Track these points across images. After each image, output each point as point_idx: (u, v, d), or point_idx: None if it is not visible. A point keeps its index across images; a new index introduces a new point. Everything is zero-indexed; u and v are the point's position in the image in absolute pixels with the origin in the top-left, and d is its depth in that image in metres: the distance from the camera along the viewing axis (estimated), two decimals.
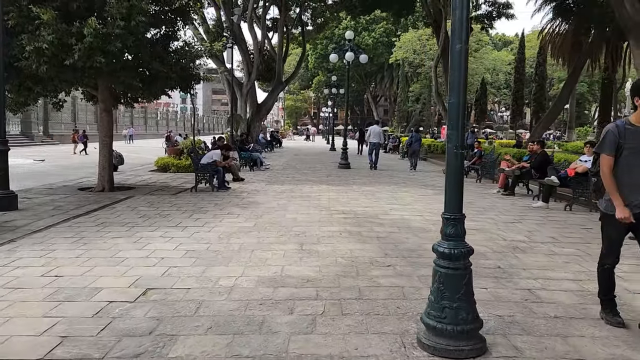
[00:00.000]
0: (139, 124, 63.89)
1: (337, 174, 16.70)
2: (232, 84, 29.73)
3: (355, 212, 9.01)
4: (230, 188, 11.96)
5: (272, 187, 12.51)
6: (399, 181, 14.62)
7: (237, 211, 8.96)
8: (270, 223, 7.89)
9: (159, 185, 12.82)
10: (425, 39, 49.72)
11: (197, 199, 10.43)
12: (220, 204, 9.78)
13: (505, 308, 4.21)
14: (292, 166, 19.89)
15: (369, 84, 75.79)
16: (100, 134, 12.04)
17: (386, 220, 8.23)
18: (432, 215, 8.79)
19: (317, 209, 9.33)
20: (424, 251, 6.13)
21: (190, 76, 12.42)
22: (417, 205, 9.86)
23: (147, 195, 10.83)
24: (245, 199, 10.50)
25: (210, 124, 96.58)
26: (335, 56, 18.78)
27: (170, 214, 8.53)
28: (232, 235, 6.97)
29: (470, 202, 10.40)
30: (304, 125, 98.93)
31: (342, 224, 7.83)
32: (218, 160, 11.66)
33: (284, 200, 10.38)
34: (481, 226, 7.93)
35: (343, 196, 11.06)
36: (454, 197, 3.34)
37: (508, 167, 12.33)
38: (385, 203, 10.12)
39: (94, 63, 9.55)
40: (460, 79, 3.23)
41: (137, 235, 6.83)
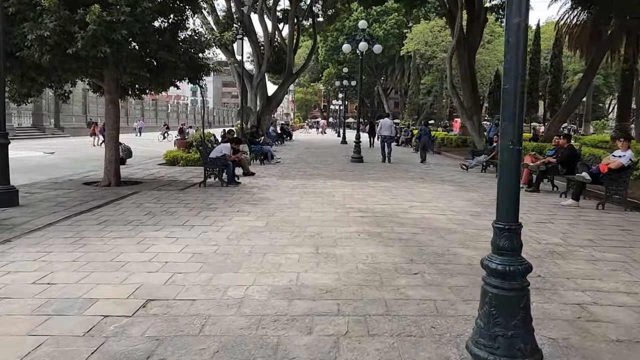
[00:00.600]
0: (150, 117, 63.70)
1: (351, 168, 16.15)
2: (242, 76, 29.19)
3: (372, 210, 8.46)
4: (241, 183, 11.46)
5: (283, 182, 12.00)
6: (415, 176, 14.04)
7: (247, 208, 8.46)
8: (283, 222, 7.38)
9: (166, 179, 12.36)
10: (437, 30, 48.82)
11: (206, 194, 9.94)
12: (230, 200, 9.29)
13: (558, 328, 3.66)
14: (303, 160, 19.36)
15: (380, 77, 74.89)
16: (106, 126, 11.59)
17: (407, 219, 7.69)
18: (456, 214, 8.23)
19: (331, 206, 8.81)
20: (452, 256, 5.58)
21: (199, 66, 11.91)
22: (438, 203, 9.29)
23: (154, 191, 10.36)
24: (256, 195, 10.00)
25: (221, 117, 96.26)
26: (348, 46, 18.16)
27: (177, 212, 8.04)
28: (243, 236, 6.47)
29: (494, 200, 9.81)
30: (314, 118, 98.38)
31: (360, 224, 7.30)
32: (228, 154, 11.16)
33: (297, 196, 9.87)
34: None
35: (358, 192, 10.52)
36: (510, 202, 2.81)
37: (532, 162, 11.71)
38: (404, 200, 9.56)
39: (98, 52, 9.09)
40: (519, 60, 2.68)
41: (141, 236, 6.35)
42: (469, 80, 27.48)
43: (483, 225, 7.32)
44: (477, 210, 8.65)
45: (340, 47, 63.70)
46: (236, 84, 36.01)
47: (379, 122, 21.16)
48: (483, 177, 14.11)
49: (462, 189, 11.43)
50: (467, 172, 15.69)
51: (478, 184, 12.53)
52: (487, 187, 11.79)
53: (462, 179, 13.45)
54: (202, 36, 11.38)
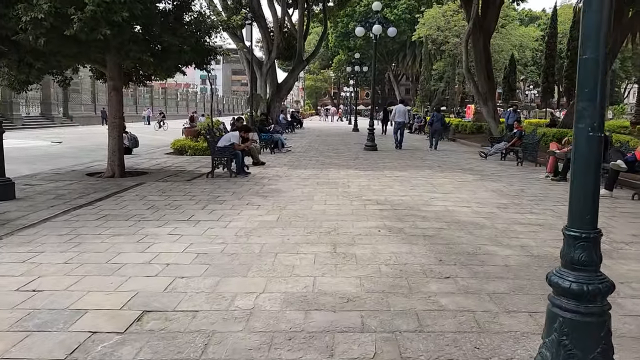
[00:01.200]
0: (159, 105, 63.35)
1: (364, 156, 15.55)
2: (252, 63, 28.57)
3: (391, 202, 7.89)
4: (250, 173, 10.93)
5: (295, 172, 11.44)
6: (432, 164, 13.42)
7: (257, 201, 7.92)
8: (296, 216, 6.83)
9: (173, 169, 11.86)
10: (450, 14, 47.68)
11: (214, 186, 9.42)
12: (239, 192, 8.75)
13: (628, 350, 3.08)
14: (314, 148, 18.78)
15: (391, 63, 73.74)
16: (109, 114, 11.08)
17: (429, 212, 7.11)
18: (482, 206, 7.63)
19: (347, 198, 8.24)
20: (485, 256, 5.01)
21: (205, 51, 11.36)
22: (461, 194, 8.69)
23: (159, 182, 9.86)
24: (267, 186, 9.46)
25: (230, 105, 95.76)
26: (361, 30, 17.42)
27: (182, 205, 7.53)
28: (252, 232, 5.93)
29: (520, 190, 9.22)
30: (324, 106, 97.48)
31: (379, 218, 6.73)
32: (236, 143, 10.61)
33: (310, 187, 9.31)
34: (543, 219, 6.76)
35: (374, 183, 9.94)
36: (587, 204, 2.23)
37: (558, 149, 11.04)
38: (424, 191, 8.97)
39: (98, 35, 8.54)
40: (602, 25, 2.09)
41: (142, 233, 5.84)
42: (484, 65, 26.64)
43: (512, 219, 6.73)
44: (504, 202, 8.04)
45: (350, 34, 63.14)
46: (245, 71, 35.37)
47: (393, 108, 21.18)
48: (504, 166, 13.44)
49: (483, 178, 10.80)
50: (486, 160, 15.03)
51: (499, 172, 11.89)
52: (509, 176, 11.15)
53: (482, 168, 12.80)
54: (207, 18, 10.78)
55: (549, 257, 4.99)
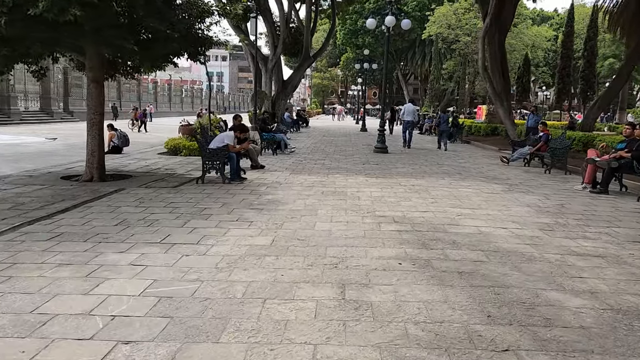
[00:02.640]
0: (164, 102, 62.30)
1: (375, 160, 14.21)
2: (256, 58, 27.28)
3: (411, 220, 6.56)
4: (246, 179, 9.63)
5: (297, 178, 10.13)
6: (451, 171, 12.07)
7: (250, 216, 6.62)
8: (295, 239, 5.52)
9: (162, 172, 10.59)
10: (461, 12, 46.30)
11: (202, 194, 8.12)
12: (230, 203, 7.45)
13: None
14: (320, 149, 17.46)
15: (399, 62, 72.27)
16: (88, 110, 9.82)
17: (459, 236, 5.78)
18: (521, 227, 6.29)
19: (357, 213, 6.92)
20: (549, 308, 3.68)
21: (198, 39, 10.06)
22: (492, 210, 7.35)
23: (141, 188, 8.58)
24: (263, 195, 8.14)
25: (236, 102, 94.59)
26: (373, 21, 16.05)
27: (159, 220, 6.23)
28: (237, 263, 4.63)
29: (560, 205, 7.87)
30: (331, 104, 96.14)
31: (399, 243, 5.41)
32: (230, 145, 9.30)
33: (313, 198, 7.99)
34: (602, 248, 5.41)
35: (388, 193, 8.61)
36: None
37: (598, 156, 9.68)
38: (448, 205, 7.63)
39: (68, 16, 7.27)
40: None
41: (96, 262, 4.55)
42: (500, 64, 25.31)
43: (564, 248, 5.39)
44: (545, 221, 6.70)
45: (359, 31, 61.83)
46: (250, 67, 34.08)
47: (402, 107, 21.65)
48: (530, 173, 12.08)
49: (512, 189, 9.45)
50: (509, 165, 13.68)
51: (528, 182, 10.53)
52: (541, 187, 9.79)
53: (507, 176, 11.44)
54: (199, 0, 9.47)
55: (635, 312, 3.66)
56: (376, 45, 60.80)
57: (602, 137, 15.53)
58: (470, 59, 51.35)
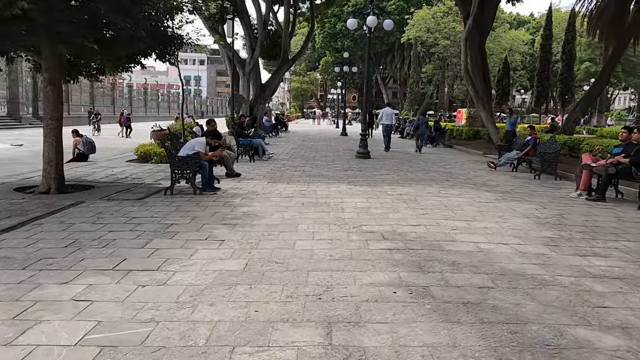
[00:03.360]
0: (139, 106, 60.85)
1: (358, 166, 13.54)
2: (233, 61, 26.46)
3: (402, 235, 5.89)
4: (220, 189, 8.85)
5: (275, 187, 9.39)
6: (438, 177, 11.47)
7: (221, 233, 5.87)
8: (271, 262, 4.80)
9: (128, 182, 9.75)
10: (440, 16, 46.23)
11: (170, 207, 7.34)
12: (200, 217, 6.69)
13: None
14: (300, 155, 16.75)
15: (379, 65, 72.03)
16: (45, 115, 8.95)
17: (458, 254, 5.12)
18: (523, 242, 5.67)
19: (342, 228, 6.23)
20: (585, 353, 3.03)
21: (167, 38, 9.31)
22: (488, 222, 6.72)
23: (102, 201, 7.77)
24: (238, 208, 7.39)
25: (215, 107, 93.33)
26: (354, 21, 15.41)
27: (116, 241, 5.45)
28: (203, 295, 3.90)
29: (559, 215, 7.30)
30: (310, 108, 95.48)
31: (391, 265, 4.74)
32: (202, 152, 8.53)
33: (293, 210, 7.27)
34: (618, 267, 4.81)
35: (375, 203, 7.94)
36: None
37: (594, 161, 9.18)
38: (440, 217, 6.98)
39: (15, 10, 6.46)
40: None
41: (30, 298, 3.77)
42: (481, 67, 25.04)
43: (576, 268, 4.78)
44: (548, 234, 6.10)
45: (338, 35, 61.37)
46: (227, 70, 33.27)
47: (380, 111, 21.69)
48: (519, 179, 11.56)
49: (505, 197, 8.86)
50: (496, 170, 13.16)
51: (520, 189, 9.98)
52: (534, 195, 9.24)
53: (496, 182, 10.89)
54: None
55: None
56: (355, 49, 60.42)
57: (588, 140, 15.15)
58: (449, 62, 51.30)
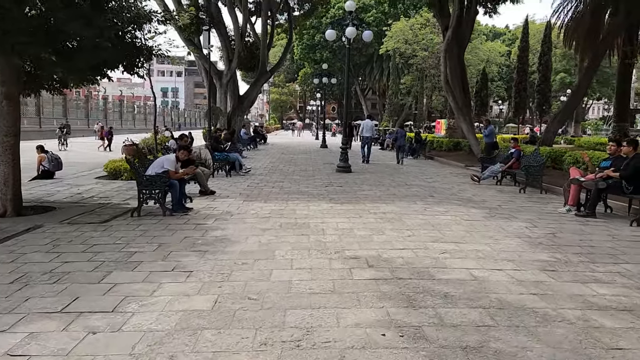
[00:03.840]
0: (114, 119, 59.61)
1: (338, 181, 13.08)
2: (210, 72, 25.90)
3: (388, 262, 5.41)
4: (192, 209, 8.28)
5: (252, 207, 8.85)
6: (421, 193, 11.06)
7: (190, 262, 5.32)
8: (244, 297, 4.28)
9: (94, 203, 9.11)
10: (418, 28, 46.47)
11: (136, 232, 6.76)
12: (168, 243, 6.13)
13: None
14: (278, 169, 16.23)
15: (357, 77, 72.14)
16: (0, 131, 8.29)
17: (450, 284, 4.66)
18: (518, 267, 5.24)
19: (323, 254, 5.73)
20: None
21: (134, 49, 8.75)
22: (479, 244, 6.28)
23: (62, 225, 7.14)
24: (210, 231, 6.84)
25: (192, 119, 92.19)
26: (333, 32, 15.02)
27: (70, 275, 4.86)
28: (163, 345, 3.35)
29: (551, 234, 6.92)
30: (289, 120, 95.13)
31: (378, 299, 4.25)
32: (171, 170, 7.96)
33: (270, 234, 6.74)
34: (623, 296, 4.41)
35: (357, 224, 7.46)
36: None
37: (582, 175, 8.87)
38: (428, 238, 6.53)
39: None
40: None
41: None
42: (460, 78, 25.00)
43: (581, 298, 4.36)
44: (544, 257, 5.69)
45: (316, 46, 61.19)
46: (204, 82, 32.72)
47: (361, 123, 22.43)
48: (504, 193, 11.23)
49: (493, 214, 8.47)
50: (480, 184, 12.84)
51: (507, 204, 9.63)
52: (522, 211, 8.88)
53: (482, 197, 10.52)
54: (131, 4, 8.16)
55: None
56: (334, 60, 60.40)
57: (570, 152, 14.97)
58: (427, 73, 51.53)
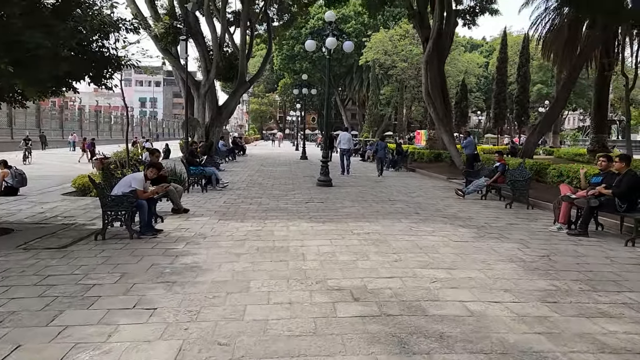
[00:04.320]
0: (90, 129, 58.29)
1: (319, 196, 12.58)
2: (187, 82, 25.28)
3: (375, 294, 4.91)
4: (162, 231, 7.68)
5: (227, 227, 8.28)
6: (406, 209, 10.62)
7: (155, 296, 4.75)
8: (214, 342, 3.74)
9: (57, 223, 8.45)
10: (397, 39, 46.56)
11: (97, 259, 6.15)
12: (132, 273, 5.54)
13: None
14: (257, 183, 15.68)
15: (337, 87, 72.10)
16: None
17: (445, 322, 4.19)
18: (517, 298, 4.79)
19: (303, 284, 5.21)
20: None
21: (101, 58, 8.20)
22: (471, 271, 5.82)
23: (16, 251, 6.49)
24: (180, 258, 6.26)
25: (171, 129, 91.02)
26: (312, 43, 14.57)
27: (14, 315, 4.25)
28: None
29: (546, 257, 6.52)
30: (269, 130, 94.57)
31: (366, 343, 3.75)
32: (139, 190, 7.38)
33: (245, 260, 6.19)
34: (635, 333, 3.99)
35: (340, 247, 6.95)
36: None
37: (573, 192, 8.53)
38: (416, 264, 6.06)
39: None
40: None
41: None
42: (440, 89, 24.87)
43: (590, 337, 3.92)
44: (542, 285, 5.26)
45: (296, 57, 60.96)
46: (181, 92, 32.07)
47: (339, 136, 22.40)
48: (491, 209, 10.86)
49: (482, 233, 8.06)
50: (464, 199, 12.48)
51: (495, 222, 9.24)
52: (513, 229, 8.47)
53: (468, 214, 10.13)
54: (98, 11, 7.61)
55: None
56: (314, 71, 60.24)
57: (554, 165, 14.74)
58: (407, 84, 51.66)
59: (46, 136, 42.04)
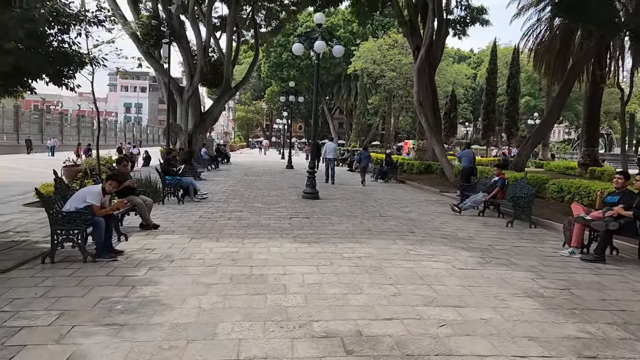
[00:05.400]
0: (71, 134, 56.73)
1: (305, 210, 11.61)
2: (169, 87, 24.26)
3: (373, 343, 3.96)
4: (122, 253, 6.67)
5: (198, 248, 7.28)
6: (400, 227, 9.69)
7: (93, 347, 3.75)
8: None
9: (4, 240, 7.39)
10: (386, 48, 45.99)
11: (38, 288, 5.11)
12: (74, 310, 4.52)
13: None
14: (239, 194, 14.68)
15: (325, 96, 71.36)
16: None
17: None
18: (547, 350, 3.88)
19: (283, 329, 4.24)
20: None
21: (59, 54, 7.22)
22: (484, 310, 4.89)
23: None
24: (137, 289, 5.24)
25: (155, 135, 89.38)
26: (300, 46, 13.64)
27: None
28: None
29: (567, 290, 5.62)
30: (256, 138, 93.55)
31: None
32: (95, 205, 6.37)
33: (215, 292, 5.20)
34: None
35: (328, 275, 5.98)
36: None
37: (586, 212, 7.70)
38: (419, 300, 5.11)
39: None
40: None
41: None
42: (431, 99, 24.23)
43: None
44: (572, 332, 4.36)
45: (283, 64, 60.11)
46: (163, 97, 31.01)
47: (325, 146, 22.88)
48: (492, 228, 10.00)
49: (488, 259, 7.16)
50: (461, 215, 11.62)
51: (498, 243, 8.37)
52: (521, 254, 7.59)
53: (468, 233, 9.24)
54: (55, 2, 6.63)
55: None
56: (301, 79, 59.49)
57: (554, 180, 13.98)
58: (395, 94, 51.06)
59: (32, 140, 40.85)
